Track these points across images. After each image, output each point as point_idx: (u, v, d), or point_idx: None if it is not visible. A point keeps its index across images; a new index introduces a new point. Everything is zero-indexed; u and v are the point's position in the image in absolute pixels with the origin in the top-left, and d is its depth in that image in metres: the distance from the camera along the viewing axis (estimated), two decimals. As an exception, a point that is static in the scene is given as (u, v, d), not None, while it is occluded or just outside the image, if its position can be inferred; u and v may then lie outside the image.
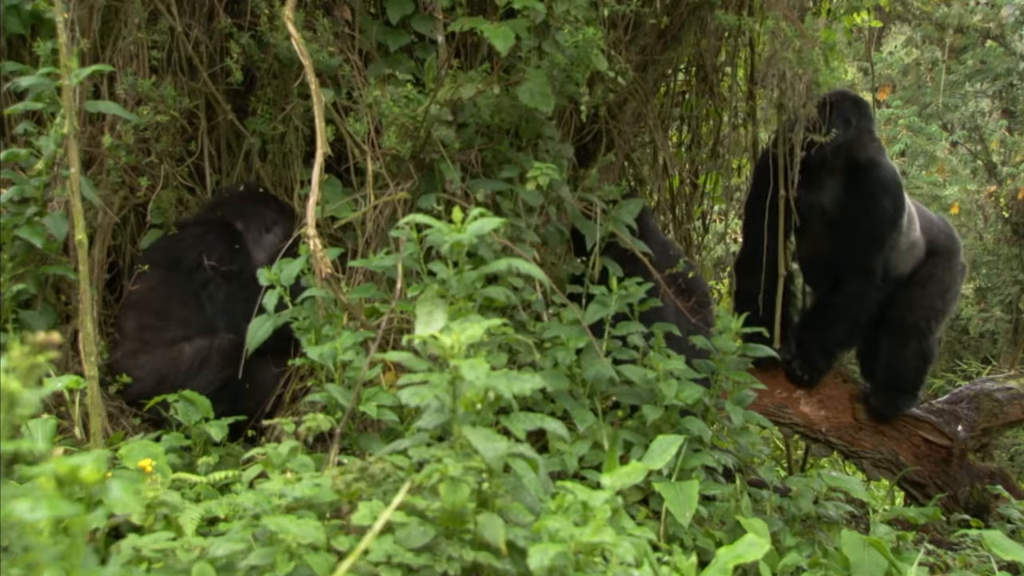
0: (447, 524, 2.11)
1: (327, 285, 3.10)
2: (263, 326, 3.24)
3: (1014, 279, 13.00)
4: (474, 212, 2.72)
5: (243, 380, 3.63)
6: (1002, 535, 3.04)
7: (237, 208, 3.97)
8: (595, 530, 2.10)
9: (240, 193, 4.02)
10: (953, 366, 11.35)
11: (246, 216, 3.95)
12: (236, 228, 3.91)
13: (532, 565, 2.00)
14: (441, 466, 2.11)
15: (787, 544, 3.35)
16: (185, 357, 3.68)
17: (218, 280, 3.77)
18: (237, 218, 3.93)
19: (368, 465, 2.29)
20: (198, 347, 3.70)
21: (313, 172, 3.26)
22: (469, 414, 2.22)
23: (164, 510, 2.33)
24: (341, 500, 2.25)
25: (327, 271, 3.04)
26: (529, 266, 2.79)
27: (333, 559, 2.06)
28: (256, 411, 3.65)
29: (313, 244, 3.07)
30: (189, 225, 3.91)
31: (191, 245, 3.81)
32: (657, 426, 3.42)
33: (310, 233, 3.08)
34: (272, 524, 2.06)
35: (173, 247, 3.84)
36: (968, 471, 5.11)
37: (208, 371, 3.66)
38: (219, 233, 3.87)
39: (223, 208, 3.98)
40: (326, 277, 3.05)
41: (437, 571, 2.05)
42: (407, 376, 2.34)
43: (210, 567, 2.05)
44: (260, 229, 3.95)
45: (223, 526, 2.34)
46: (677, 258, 4.34)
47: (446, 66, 3.76)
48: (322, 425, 2.57)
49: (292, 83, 3.98)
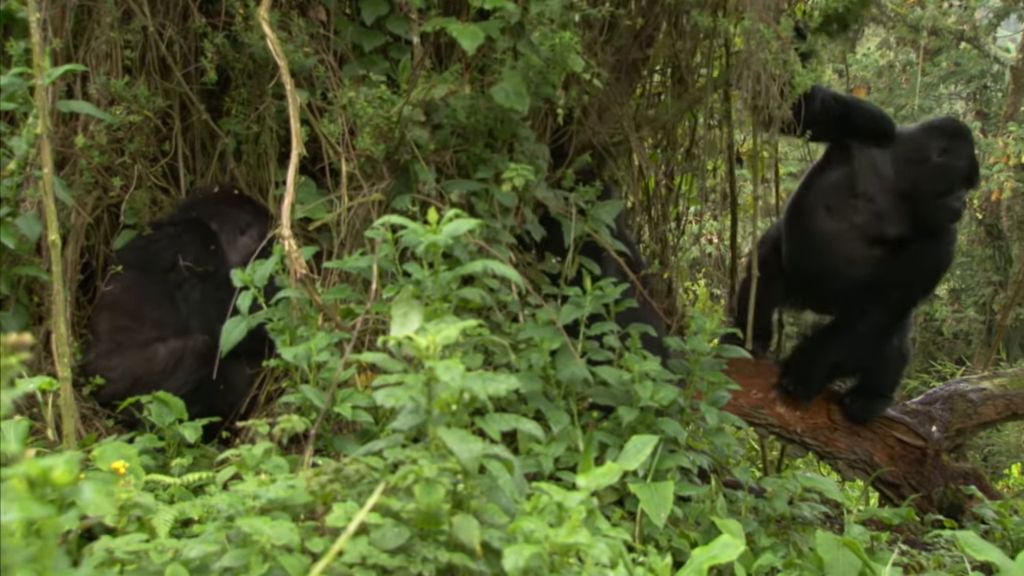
0: (422, 525, 2.10)
1: (302, 286, 3.09)
2: (237, 327, 3.23)
3: (988, 280, 13.06)
4: (449, 213, 2.72)
5: (217, 381, 3.62)
6: (975, 535, 3.04)
7: (211, 209, 3.95)
8: (570, 531, 2.10)
9: (215, 194, 4.00)
10: (927, 367, 11.40)
11: (220, 217, 3.93)
12: (211, 229, 3.90)
13: (507, 566, 2.00)
14: (416, 467, 2.11)
15: (762, 545, 3.36)
16: (159, 358, 3.66)
17: (193, 281, 3.76)
18: (211, 219, 3.91)
19: (343, 466, 2.28)
20: (172, 348, 3.68)
21: (288, 173, 3.25)
22: (444, 415, 2.22)
23: (137, 512, 2.32)
24: (315, 501, 2.25)
25: (302, 272, 3.03)
26: (504, 267, 2.80)
27: (307, 560, 2.05)
28: (230, 412, 3.63)
29: (287, 245, 3.06)
30: (163, 226, 3.89)
31: (165, 246, 3.79)
32: (632, 427, 3.42)
33: (284, 234, 3.07)
34: (246, 525, 2.06)
35: (147, 248, 3.82)
36: (942, 472, 5.13)
37: (182, 372, 3.64)
38: (194, 234, 3.85)
39: (197, 209, 3.96)
40: (300, 278, 3.04)
41: (412, 572, 2.04)
42: (382, 377, 2.33)
43: (183, 569, 2.05)
44: (235, 231, 3.93)
45: (197, 528, 2.33)
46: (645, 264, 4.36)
47: (420, 67, 3.75)
48: (296, 426, 2.57)
49: (267, 83, 3.97)
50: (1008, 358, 10.73)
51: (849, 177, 4.88)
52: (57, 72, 3.28)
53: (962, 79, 13.57)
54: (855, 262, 4.93)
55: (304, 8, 3.93)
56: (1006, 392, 5.54)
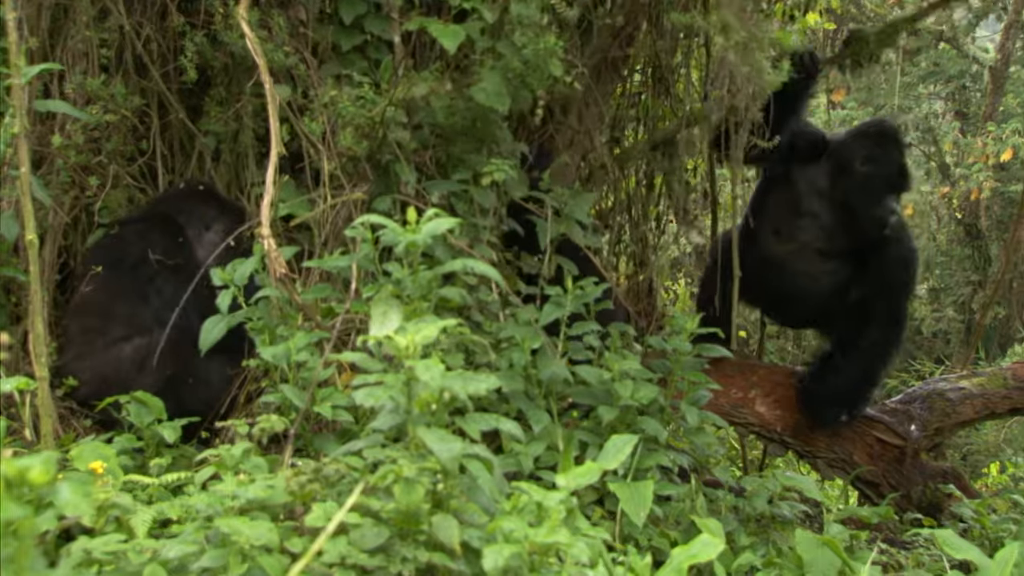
0: (401, 525, 2.10)
1: (281, 285, 3.08)
2: (216, 326, 3.21)
3: (967, 279, 13.13)
4: (429, 213, 2.71)
5: (191, 378, 3.59)
6: (954, 534, 3.05)
7: (178, 204, 3.93)
8: (550, 531, 2.10)
9: (180, 191, 3.99)
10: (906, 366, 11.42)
11: (187, 213, 3.91)
12: (177, 223, 3.88)
13: (486, 566, 2.00)
14: (396, 467, 2.10)
15: (741, 544, 3.36)
16: (124, 357, 3.63)
17: (165, 274, 3.73)
18: (178, 214, 3.90)
19: (322, 466, 2.28)
20: (137, 346, 3.65)
21: (267, 172, 3.23)
22: (424, 415, 2.22)
23: (115, 512, 2.31)
24: (295, 501, 2.24)
25: (281, 271, 3.02)
26: (484, 267, 2.79)
27: (287, 560, 2.05)
28: (207, 410, 3.60)
29: (267, 244, 3.05)
30: (130, 222, 3.87)
31: (133, 241, 3.76)
32: (612, 426, 3.42)
33: (264, 233, 3.05)
34: (225, 526, 2.05)
35: (115, 245, 3.80)
36: (921, 470, 5.14)
37: (149, 370, 3.61)
38: (161, 229, 3.83)
39: (164, 204, 3.95)
40: (280, 277, 3.03)
41: (391, 572, 2.04)
42: (361, 377, 2.33)
43: (162, 569, 2.04)
44: (200, 226, 3.90)
45: (176, 528, 2.32)
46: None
47: (402, 67, 3.74)
48: (276, 426, 2.56)
49: (245, 82, 3.95)
50: (987, 357, 10.77)
51: (792, 197, 4.88)
52: (33, 71, 3.26)
53: (941, 79, 13.64)
54: (816, 278, 4.93)
55: (284, 6, 3.91)
56: (984, 391, 5.56)
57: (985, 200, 12.58)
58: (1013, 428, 8.20)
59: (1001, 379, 5.65)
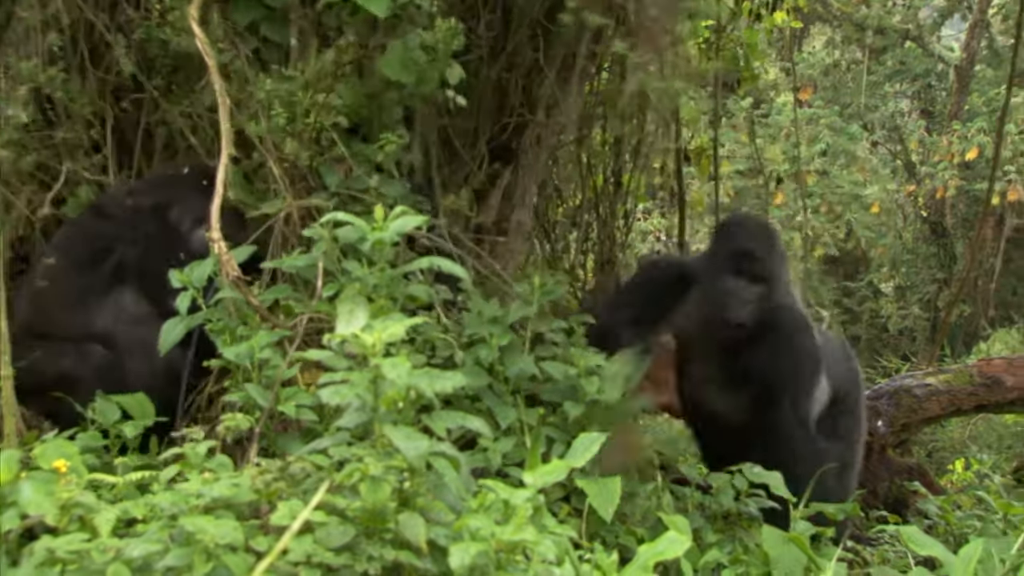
0: (368, 523, 2.10)
1: (235, 287, 3.04)
2: (175, 328, 3.17)
3: (932, 277, 13.23)
4: (397, 210, 2.71)
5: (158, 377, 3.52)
6: (919, 531, 3.08)
7: (169, 193, 3.74)
8: (516, 528, 2.10)
9: (173, 176, 3.81)
10: (873, 363, 11.51)
11: (179, 204, 3.70)
12: (169, 218, 3.69)
13: (453, 564, 2.00)
14: (362, 465, 2.10)
15: (708, 541, 3.37)
16: (94, 355, 3.55)
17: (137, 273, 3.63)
18: (169, 205, 3.70)
19: (288, 464, 2.27)
20: (105, 346, 3.56)
21: (217, 174, 3.19)
22: (390, 413, 2.22)
23: (79, 511, 2.29)
24: (260, 500, 2.23)
25: (233, 274, 2.99)
26: (451, 264, 2.79)
27: (252, 559, 2.04)
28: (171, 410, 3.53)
29: (217, 247, 3.01)
30: (108, 211, 3.72)
31: (109, 233, 3.64)
32: (579, 422, 3.42)
33: (214, 236, 3.02)
34: (189, 524, 2.04)
35: (84, 237, 3.68)
36: (887, 467, 5.17)
37: (118, 370, 3.53)
38: (149, 222, 3.65)
39: (157, 193, 3.75)
40: (233, 280, 3.00)
41: (357, 571, 2.04)
42: (327, 375, 2.32)
43: (126, 568, 2.02)
44: (193, 222, 3.72)
45: (140, 527, 2.30)
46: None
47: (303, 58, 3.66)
48: (241, 424, 2.55)
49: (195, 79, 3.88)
50: (952, 354, 10.84)
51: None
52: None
53: (907, 78, 13.74)
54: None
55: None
56: (950, 388, 5.60)
57: (950, 198, 12.68)
58: (978, 425, 8.25)
59: (967, 376, 5.71)
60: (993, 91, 12.46)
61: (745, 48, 5.84)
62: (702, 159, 6.09)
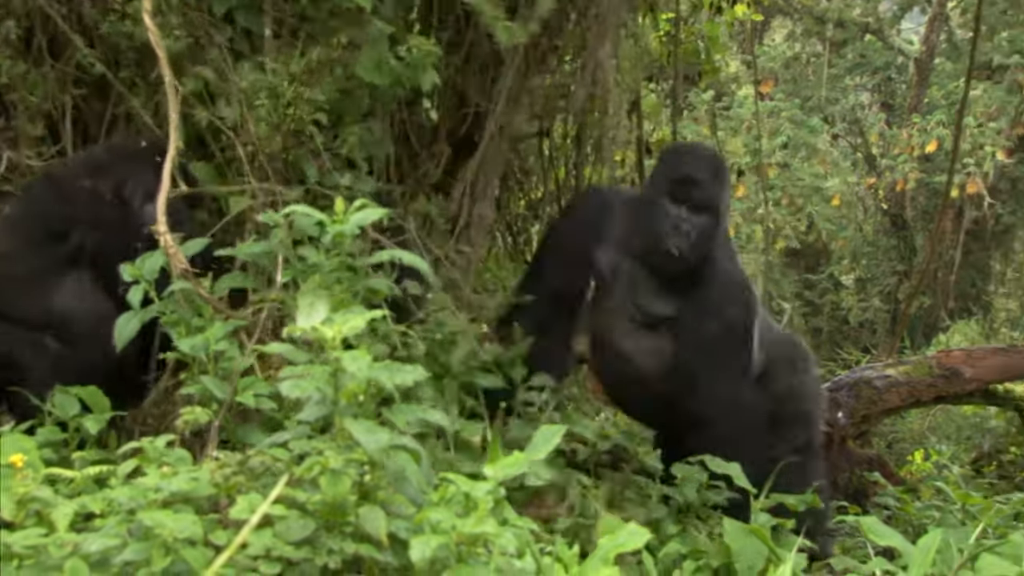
0: (328, 517, 2.09)
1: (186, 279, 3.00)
2: (130, 322, 3.12)
3: (892, 269, 13.31)
4: (357, 203, 2.71)
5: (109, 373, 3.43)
6: (878, 521, 3.09)
7: (122, 167, 3.58)
8: (477, 521, 2.10)
9: (126, 148, 3.67)
10: (833, 355, 11.57)
11: (133, 179, 3.54)
12: (123, 194, 3.54)
13: (414, 557, 1.99)
14: (322, 458, 2.10)
15: (669, 532, 3.38)
16: (44, 345, 3.46)
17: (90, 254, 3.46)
18: (123, 181, 3.55)
19: (247, 458, 2.26)
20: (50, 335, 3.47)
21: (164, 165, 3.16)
22: (351, 406, 2.21)
23: (36, 506, 2.27)
24: (219, 494, 2.22)
25: (181, 266, 2.96)
26: (412, 257, 2.79)
27: (211, 553, 2.03)
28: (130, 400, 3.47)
29: (164, 240, 2.98)
30: (60, 183, 3.58)
31: (60, 211, 3.50)
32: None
33: (160, 229, 2.98)
34: (147, 519, 2.02)
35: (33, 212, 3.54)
36: (847, 457, 5.20)
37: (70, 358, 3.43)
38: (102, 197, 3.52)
39: (110, 167, 3.59)
40: (182, 272, 2.96)
41: (317, 564, 2.03)
42: (288, 368, 2.32)
43: (83, 563, 2.01)
44: (145, 198, 3.49)
45: (98, 522, 2.29)
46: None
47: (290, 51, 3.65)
48: (200, 418, 2.54)
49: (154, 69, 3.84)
50: (912, 346, 10.92)
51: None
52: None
53: (867, 71, 13.81)
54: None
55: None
56: (910, 379, 5.65)
57: (910, 191, 12.75)
58: (937, 416, 8.32)
59: (926, 367, 5.76)
60: (952, 84, 12.53)
61: (706, 41, 5.86)
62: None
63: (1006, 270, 14.36)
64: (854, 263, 14.05)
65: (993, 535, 3.67)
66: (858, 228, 14.18)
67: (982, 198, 11.89)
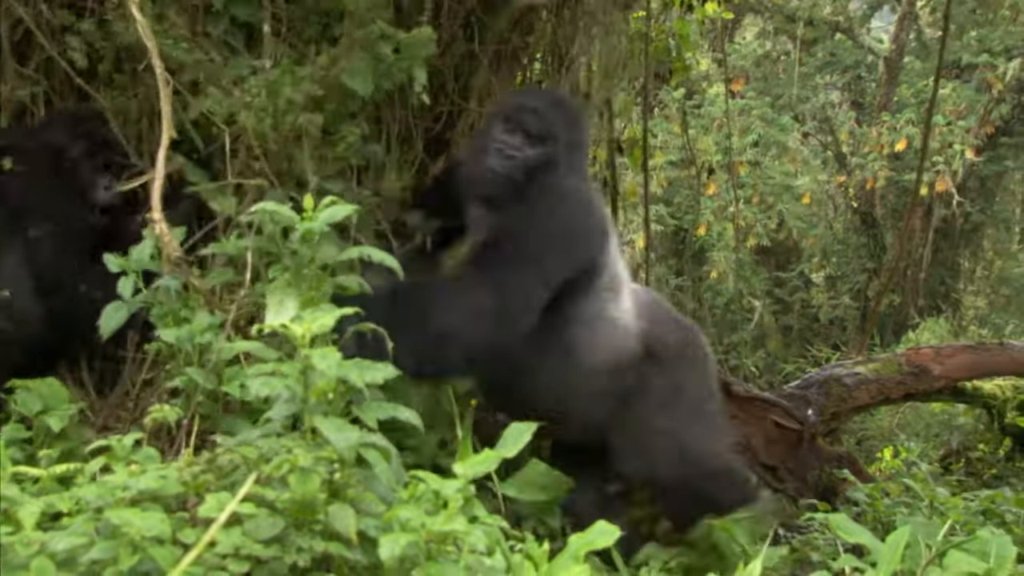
0: (297, 515, 2.08)
1: (177, 269, 3.00)
2: (118, 312, 3.10)
3: (862, 267, 13.37)
4: (326, 200, 2.70)
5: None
6: (847, 518, 3.10)
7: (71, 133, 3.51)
8: (447, 519, 2.10)
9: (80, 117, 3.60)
10: (803, 352, 11.62)
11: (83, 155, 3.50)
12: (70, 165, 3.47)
13: (383, 555, 1.99)
14: (291, 456, 2.09)
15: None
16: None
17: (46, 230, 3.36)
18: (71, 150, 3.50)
19: (215, 456, 2.25)
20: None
21: (158, 155, 3.15)
22: (321, 404, 2.21)
23: (2, 504, 2.26)
24: (188, 492, 2.21)
25: (175, 255, 2.96)
26: (381, 254, 2.78)
27: (179, 552, 2.02)
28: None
29: (159, 228, 2.98)
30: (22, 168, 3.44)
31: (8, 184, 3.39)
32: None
33: (155, 217, 2.98)
34: (115, 517, 2.01)
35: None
36: (817, 455, 5.22)
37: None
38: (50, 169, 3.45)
39: (54, 135, 3.52)
40: (175, 261, 2.97)
41: (286, 563, 2.03)
42: (257, 366, 2.31)
43: (50, 562, 2.00)
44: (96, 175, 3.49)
45: (66, 521, 2.27)
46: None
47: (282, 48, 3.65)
48: (168, 416, 2.52)
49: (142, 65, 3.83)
50: (881, 343, 10.98)
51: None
52: None
53: (837, 69, 13.87)
54: None
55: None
56: (879, 377, 5.68)
57: (880, 189, 12.81)
58: (907, 413, 8.37)
59: (895, 365, 5.79)
60: (921, 83, 12.60)
61: (677, 39, 5.86)
62: (635, 150, 6.10)
63: (975, 268, 14.46)
64: (824, 261, 14.11)
65: (961, 532, 3.69)
66: (828, 226, 14.25)
67: (951, 196, 11.96)
